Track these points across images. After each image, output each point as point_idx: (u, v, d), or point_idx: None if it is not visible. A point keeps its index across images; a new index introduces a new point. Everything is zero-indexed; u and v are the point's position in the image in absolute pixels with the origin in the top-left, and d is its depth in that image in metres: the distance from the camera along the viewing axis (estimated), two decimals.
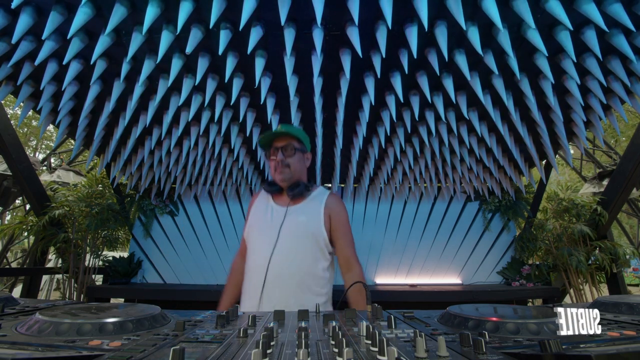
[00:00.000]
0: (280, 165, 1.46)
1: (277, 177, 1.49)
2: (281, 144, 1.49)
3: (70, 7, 1.82)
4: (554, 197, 4.10)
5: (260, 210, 1.54)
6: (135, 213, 4.39)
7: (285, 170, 1.47)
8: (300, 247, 1.41)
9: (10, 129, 3.23)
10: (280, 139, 1.50)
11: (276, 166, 1.47)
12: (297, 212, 1.46)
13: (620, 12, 1.68)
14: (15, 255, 10.61)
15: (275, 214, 1.48)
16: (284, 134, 1.49)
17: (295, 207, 1.48)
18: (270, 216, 1.48)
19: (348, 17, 1.84)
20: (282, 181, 1.48)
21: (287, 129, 1.50)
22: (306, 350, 0.40)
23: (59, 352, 0.49)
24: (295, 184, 1.48)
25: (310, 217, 1.45)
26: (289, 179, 1.48)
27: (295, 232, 1.42)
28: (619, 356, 0.45)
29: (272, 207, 1.52)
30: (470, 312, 0.68)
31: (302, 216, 1.45)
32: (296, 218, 1.44)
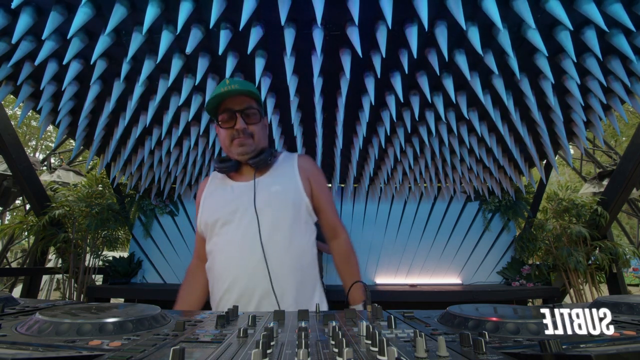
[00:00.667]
0: (242, 135, 1.14)
1: (235, 150, 1.16)
2: (239, 107, 1.14)
3: (70, 7, 1.82)
4: (554, 197, 4.10)
5: (217, 195, 1.21)
6: (135, 213, 4.39)
7: (247, 142, 1.15)
8: (287, 221, 1.12)
9: (10, 129, 3.23)
10: (237, 100, 1.15)
11: (234, 136, 1.15)
12: (268, 182, 1.16)
13: (620, 12, 1.69)
14: (15, 255, 10.61)
15: (240, 192, 1.16)
16: (242, 92, 1.14)
17: (263, 178, 1.18)
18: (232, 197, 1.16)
19: (348, 17, 1.84)
20: (243, 154, 1.16)
21: (245, 86, 1.14)
22: (306, 350, 0.40)
23: (59, 352, 0.49)
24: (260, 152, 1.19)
25: (286, 185, 1.17)
26: (251, 151, 1.17)
27: (273, 206, 1.12)
28: (619, 356, 0.45)
29: (233, 186, 1.19)
30: (470, 312, 0.68)
31: (275, 186, 1.16)
32: (269, 189, 1.14)
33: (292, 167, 1.23)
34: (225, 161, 1.20)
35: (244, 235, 1.09)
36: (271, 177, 1.19)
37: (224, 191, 1.19)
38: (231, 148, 1.17)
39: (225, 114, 1.15)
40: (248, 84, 1.17)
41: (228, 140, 1.17)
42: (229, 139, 1.16)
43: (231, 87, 1.12)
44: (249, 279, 1.07)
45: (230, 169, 1.19)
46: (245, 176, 1.21)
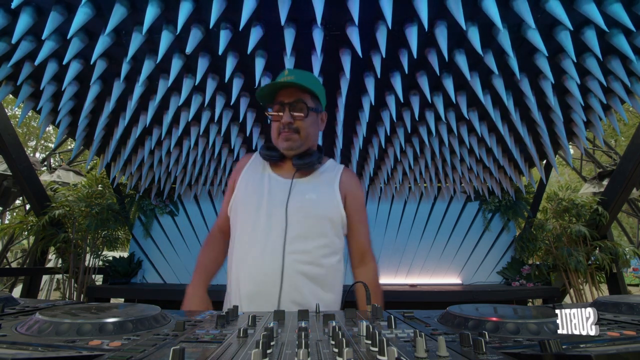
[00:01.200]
0: (287, 129, 1.10)
1: (281, 144, 1.13)
2: (289, 100, 1.11)
3: (70, 7, 1.82)
4: (554, 197, 4.10)
5: (253, 180, 1.17)
6: (135, 213, 4.39)
7: (292, 137, 1.11)
8: (315, 232, 1.09)
9: (10, 129, 3.23)
10: (288, 92, 1.11)
11: (281, 129, 1.11)
12: (305, 188, 1.12)
13: (620, 12, 1.69)
14: (15, 255, 10.61)
15: (276, 187, 1.13)
16: (294, 85, 1.10)
17: (302, 180, 1.14)
18: (267, 189, 1.13)
19: (348, 17, 1.84)
20: (288, 149, 1.13)
21: (298, 79, 1.09)
22: (306, 350, 0.40)
23: (59, 352, 0.49)
24: (307, 154, 1.14)
25: (322, 196, 1.13)
26: (297, 147, 1.13)
27: (306, 213, 1.09)
28: (619, 356, 0.45)
29: (270, 176, 1.16)
30: (470, 312, 0.68)
31: (312, 193, 1.12)
32: (303, 196, 1.11)
33: (334, 178, 1.18)
34: (272, 150, 1.16)
35: (269, 233, 1.07)
36: (310, 183, 1.15)
37: (262, 179, 1.16)
38: (278, 141, 1.14)
39: (276, 105, 1.12)
40: (305, 77, 1.12)
41: (276, 132, 1.14)
42: (277, 131, 1.13)
43: (286, 78, 1.09)
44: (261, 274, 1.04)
45: (274, 159, 1.16)
46: (285, 171, 1.17)
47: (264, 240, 1.06)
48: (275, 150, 1.16)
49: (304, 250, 1.07)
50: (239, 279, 1.07)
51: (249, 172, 1.20)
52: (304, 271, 1.06)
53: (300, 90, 1.11)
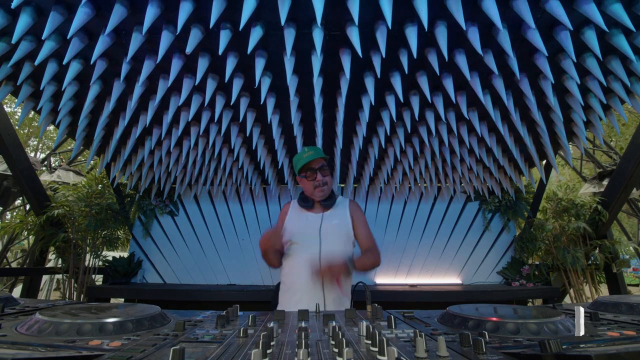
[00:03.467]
0: (321, 185, 1.77)
1: (318, 195, 1.78)
2: (317, 166, 1.77)
3: (70, 7, 1.82)
4: (553, 197, 4.10)
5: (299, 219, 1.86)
6: (135, 213, 4.39)
7: (325, 189, 1.79)
8: (340, 245, 1.76)
9: (10, 129, 3.23)
10: (316, 162, 1.78)
11: (317, 186, 1.77)
12: (330, 218, 1.81)
13: (620, 12, 1.68)
14: (15, 255, 10.61)
15: (313, 220, 1.81)
16: (319, 157, 1.78)
17: (328, 213, 1.83)
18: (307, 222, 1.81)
19: (348, 17, 1.84)
20: (322, 197, 1.80)
21: (319, 154, 1.78)
22: (306, 350, 0.40)
23: (59, 352, 0.49)
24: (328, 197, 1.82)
25: (342, 220, 1.82)
26: (327, 194, 1.81)
27: (332, 234, 1.76)
28: (619, 356, 0.45)
29: (307, 215, 1.85)
30: (470, 312, 0.68)
31: (335, 220, 1.81)
32: (331, 222, 1.79)
33: (345, 208, 1.87)
34: (307, 200, 1.85)
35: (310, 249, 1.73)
36: (333, 214, 1.83)
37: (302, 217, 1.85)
38: (314, 193, 1.80)
39: (309, 172, 1.78)
40: (319, 151, 1.81)
41: (312, 188, 1.79)
42: (312, 187, 1.78)
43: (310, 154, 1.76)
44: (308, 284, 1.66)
45: (309, 206, 1.85)
46: (315, 209, 1.86)
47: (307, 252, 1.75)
48: (309, 200, 1.85)
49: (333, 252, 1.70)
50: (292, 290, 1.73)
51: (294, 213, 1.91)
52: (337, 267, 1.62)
53: (322, 159, 1.80)
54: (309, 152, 1.76)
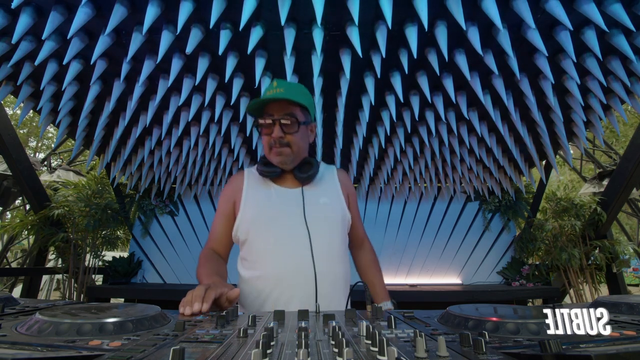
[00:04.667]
0: (278, 144, 1.11)
1: (274, 158, 1.14)
2: (279, 114, 1.10)
3: (70, 7, 1.82)
4: (552, 197, 4.10)
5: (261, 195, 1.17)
6: (135, 213, 4.39)
7: (284, 151, 1.12)
8: (335, 234, 1.15)
9: (10, 129, 3.22)
10: (279, 106, 1.10)
11: (272, 144, 1.11)
12: (314, 195, 1.17)
13: (620, 12, 1.69)
14: (15, 255, 10.61)
15: (288, 199, 1.15)
16: (284, 100, 1.10)
17: (308, 188, 1.18)
18: (278, 201, 1.15)
19: (348, 17, 1.84)
20: (281, 164, 1.15)
21: (288, 93, 1.09)
22: (306, 350, 0.40)
23: (59, 352, 0.49)
24: (305, 163, 1.18)
25: (333, 199, 1.19)
26: (290, 162, 1.15)
27: (323, 218, 1.14)
28: (619, 356, 0.45)
29: (277, 190, 1.17)
30: (470, 312, 0.68)
31: (323, 198, 1.17)
32: (317, 201, 1.15)
33: (334, 180, 1.25)
34: (269, 165, 1.16)
35: (295, 244, 1.09)
36: (317, 188, 1.19)
37: (268, 193, 1.17)
38: (270, 156, 1.15)
39: (264, 119, 1.11)
40: (294, 89, 1.12)
41: (267, 147, 1.14)
42: (268, 146, 1.14)
43: (276, 90, 1.09)
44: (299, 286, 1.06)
45: (274, 174, 1.16)
46: (289, 182, 1.20)
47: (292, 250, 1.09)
48: (273, 166, 1.16)
49: (332, 250, 1.12)
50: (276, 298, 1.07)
51: (251, 190, 1.19)
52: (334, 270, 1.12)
53: (290, 103, 1.10)
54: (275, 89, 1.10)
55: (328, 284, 1.08)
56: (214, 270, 1.09)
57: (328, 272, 1.09)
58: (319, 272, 1.06)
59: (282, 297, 1.06)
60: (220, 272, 1.10)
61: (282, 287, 1.07)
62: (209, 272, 1.09)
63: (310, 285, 1.05)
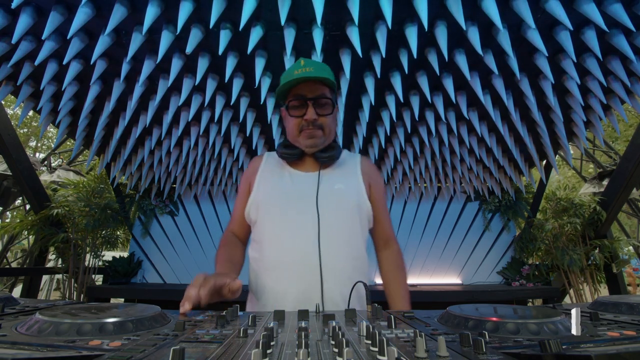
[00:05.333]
0: (312, 126, 1.05)
1: (304, 142, 1.08)
2: (311, 95, 1.04)
3: (70, 7, 1.82)
4: (552, 197, 4.10)
5: (275, 179, 1.13)
6: (135, 213, 4.39)
7: (317, 134, 1.07)
8: (347, 222, 1.08)
9: (10, 129, 3.22)
10: (311, 87, 1.05)
11: (304, 126, 1.06)
12: (330, 180, 1.10)
13: (620, 12, 1.69)
14: (15, 255, 10.61)
15: (302, 183, 1.10)
16: (318, 79, 1.04)
17: (325, 172, 1.12)
18: (292, 185, 1.10)
19: (348, 17, 1.84)
20: (312, 147, 1.09)
21: (321, 72, 1.03)
22: (306, 350, 0.40)
23: (59, 352, 0.49)
24: (329, 146, 1.12)
25: (349, 185, 1.12)
26: (321, 144, 1.09)
27: (336, 204, 1.07)
28: (619, 356, 0.45)
29: (292, 174, 1.13)
30: (470, 312, 0.68)
31: (339, 184, 1.10)
32: (331, 186, 1.09)
33: (355, 167, 1.18)
34: (290, 147, 1.12)
35: (302, 229, 1.03)
36: (334, 174, 1.13)
37: (282, 177, 1.13)
38: (299, 138, 1.09)
39: (296, 100, 1.05)
40: (324, 69, 1.06)
41: (296, 129, 1.08)
42: (298, 128, 1.07)
43: (306, 69, 1.02)
44: (300, 274, 1.01)
45: (294, 157, 1.12)
46: (307, 166, 1.15)
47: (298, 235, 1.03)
48: (294, 148, 1.12)
49: (339, 238, 1.05)
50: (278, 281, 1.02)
51: (267, 170, 1.16)
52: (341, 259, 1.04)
53: (322, 84, 1.06)
54: (305, 68, 1.02)
55: (334, 278, 1.00)
56: (229, 257, 1.08)
57: (334, 265, 1.02)
58: (324, 264, 0.99)
59: (279, 287, 1.01)
60: (235, 258, 1.09)
61: (280, 276, 1.02)
62: (222, 258, 1.07)
63: (313, 277, 0.99)
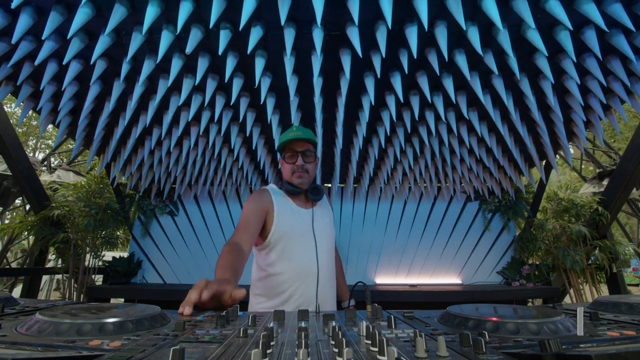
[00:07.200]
0: (300, 170, 1.53)
1: (295, 180, 1.54)
2: (301, 149, 1.54)
3: (70, 7, 1.82)
4: (554, 197, 4.10)
5: (289, 213, 1.53)
6: (135, 213, 4.39)
7: (304, 176, 1.54)
8: (330, 247, 1.60)
9: (10, 129, 3.23)
10: (300, 144, 1.54)
11: (295, 170, 1.53)
12: (321, 215, 1.60)
13: (620, 12, 1.69)
14: (15, 255, 10.61)
15: (303, 217, 1.56)
16: (304, 140, 1.54)
17: (317, 209, 1.61)
18: (299, 219, 1.54)
19: (348, 17, 1.84)
20: (301, 185, 1.54)
21: (307, 135, 1.54)
22: (306, 350, 0.40)
23: (59, 352, 0.49)
24: (316, 190, 1.58)
25: (330, 219, 1.66)
26: (307, 183, 1.56)
27: (325, 233, 1.57)
28: (619, 356, 0.45)
29: (296, 209, 1.56)
30: (470, 312, 0.68)
31: (326, 218, 1.62)
32: (322, 220, 1.59)
33: (327, 205, 1.70)
34: (293, 187, 1.55)
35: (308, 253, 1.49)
36: (321, 210, 1.62)
37: (292, 212, 1.54)
38: (292, 179, 1.55)
39: (290, 152, 1.54)
40: (309, 133, 1.56)
41: (290, 172, 1.55)
42: (291, 171, 1.54)
43: (297, 134, 1.52)
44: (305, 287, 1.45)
45: (297, 193, 1.56)
46: (302, 202, 1.60)
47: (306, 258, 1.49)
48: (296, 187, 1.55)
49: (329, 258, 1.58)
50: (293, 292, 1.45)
51: (280, 204, 1.53)
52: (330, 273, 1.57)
53: (307, 142, 1.55)
54: (296, 132, 1.53)
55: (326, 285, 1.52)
56: (231, 264, 1.24)
57: (327, 275, 1.53)
58: (321, 276, 1.48)
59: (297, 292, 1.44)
60: (237, 267, 1.26)
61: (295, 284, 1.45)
62: (226, 264, 1.24)
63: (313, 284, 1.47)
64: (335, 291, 1.62)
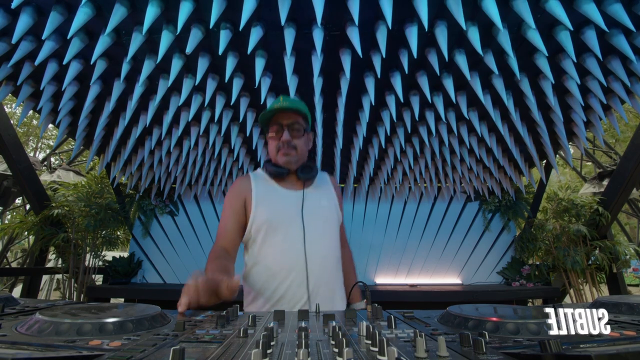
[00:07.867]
0: (286, 146, 1.28)
1: (280, 159, 1.30)
2: (287, 121, 1.28)
3: (70, 7, 1.82)
4: (554, 197, 4.10)
5: (270, 198, 1.29)
6: (135, 213, 4.39)
7: (291, 153, 1.29)
8: (329, 233, 1.31)
9: (10, 129, 3.23)
10: (286, 115, 1.29)
11: (280, 147, 1.28)
12: (315, 196, 1.32)
13: (620, 12, 1.69)
14: (15, 255, 10.61)
15: (290, 201, 1.29)
16: (291, 110, 1.29)
17: (309, 190, 1.33)
18: (283, 204, 1.29)
19: (348, 17, 1.84)
20: (287, 164, 1.30)
21: (294, 105, 1.29)
22: (306, 350, 0.40)
23: (59, 352, 0.49)
24: (308, 167, 1.33)
25: (330, 201, 1.36)
26: (295, 162, 1.31)
27: (320, 218, 1.29)
28: (619, 356, 0.45)
29: (281, 192, 1.31)
30: (470, 312, 0.68)
31: (323, 200, 1.34)
32: (317, 203, 1.31)
33: (329, 185, 1.42)
34: (278, 167, 1.31)
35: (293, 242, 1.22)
36: (317, 191, 1.35)
37: (275, 195, 1.30)
38: (277, 157, 1.31)
39: (275, 126, 1.29)
40: (298, 103, 1.32)
41: (275, 150, 1.31)
42: (276, 149, 1.30)
43: (283, 104, 1.27)
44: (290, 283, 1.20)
45: (283, 174, 1.31)
46: (291, 184, 1.34)
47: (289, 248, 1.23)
48: (282, 167, 1.31)
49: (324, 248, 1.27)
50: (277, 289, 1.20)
51: (260, 190, 1.30)
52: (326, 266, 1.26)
53: (295, 113, 1.30)
54: (282, 103, 1.28)
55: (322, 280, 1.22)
56: (221, 267, 1.15)
57: (323, 269, 1.23)
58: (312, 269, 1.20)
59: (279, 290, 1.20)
60: (227, 269, 1.16)
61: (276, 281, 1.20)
62: (215, 268, 1.15)
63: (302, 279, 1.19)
64: (342, 288, 1.33)
